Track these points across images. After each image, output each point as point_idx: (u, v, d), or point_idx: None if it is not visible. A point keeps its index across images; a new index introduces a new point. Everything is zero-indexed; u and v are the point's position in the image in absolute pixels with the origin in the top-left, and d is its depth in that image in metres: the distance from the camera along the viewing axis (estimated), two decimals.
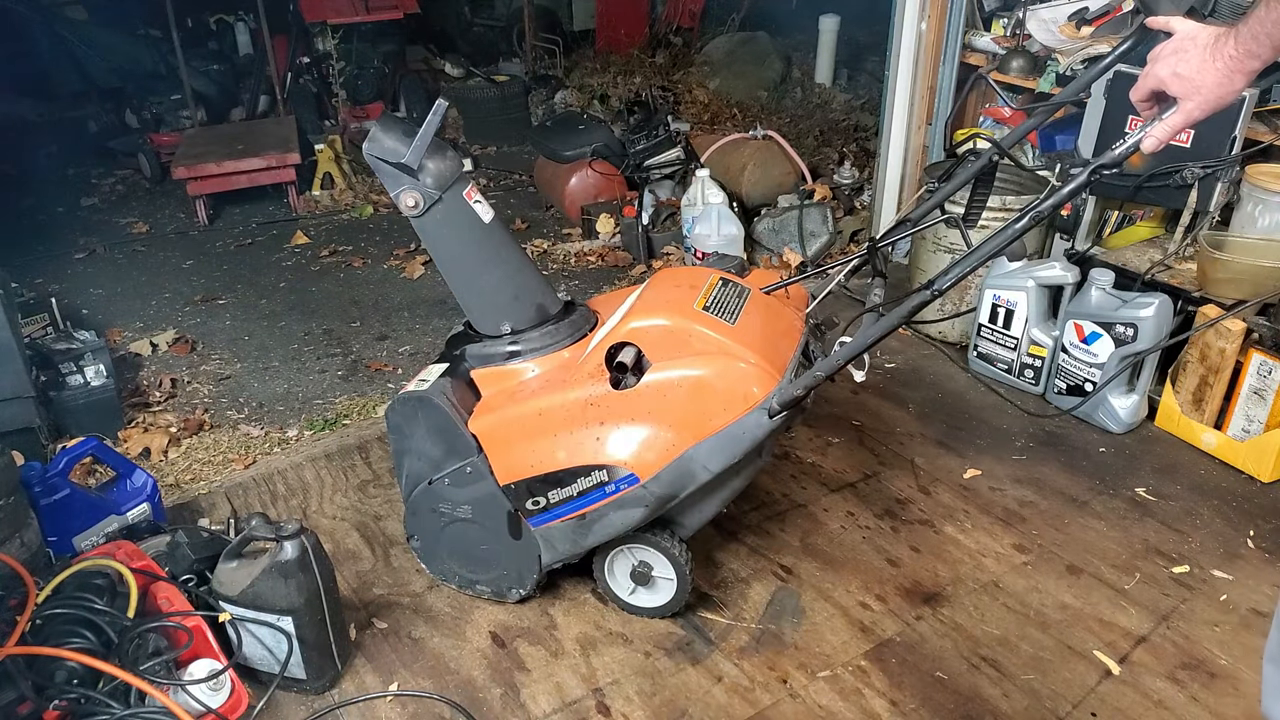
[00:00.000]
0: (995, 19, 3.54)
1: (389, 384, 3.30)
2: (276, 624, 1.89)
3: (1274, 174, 2.64)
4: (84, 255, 4.57)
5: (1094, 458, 2.74)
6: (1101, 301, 2.74)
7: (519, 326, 2.00)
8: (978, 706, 1.93)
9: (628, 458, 1.86)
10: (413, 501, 2.12)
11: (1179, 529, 2.43)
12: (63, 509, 2.20)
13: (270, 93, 6.06)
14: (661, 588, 2.11)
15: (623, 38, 7.11)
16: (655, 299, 1.99)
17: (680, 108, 6.03)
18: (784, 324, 2.03)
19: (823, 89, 6.37)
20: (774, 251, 4.06)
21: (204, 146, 5.13)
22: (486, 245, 1.95)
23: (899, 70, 3.74)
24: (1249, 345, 2.56)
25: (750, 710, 1.93)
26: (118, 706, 1.66)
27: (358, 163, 5.33)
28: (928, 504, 2.56)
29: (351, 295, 4.07)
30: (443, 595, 2.25)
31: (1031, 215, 1.41)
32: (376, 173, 1.84)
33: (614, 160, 4.57)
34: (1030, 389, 3.04)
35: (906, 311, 1.63)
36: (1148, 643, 2.08)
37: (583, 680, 2.01)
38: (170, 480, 2.76)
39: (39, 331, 3.19)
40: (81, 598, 1.80)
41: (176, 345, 3.61)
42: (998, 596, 2.22)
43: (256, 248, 4.66)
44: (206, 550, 2.09)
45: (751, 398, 1.80)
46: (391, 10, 5.85)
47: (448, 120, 6.21)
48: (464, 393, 2.03)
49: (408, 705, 1.97)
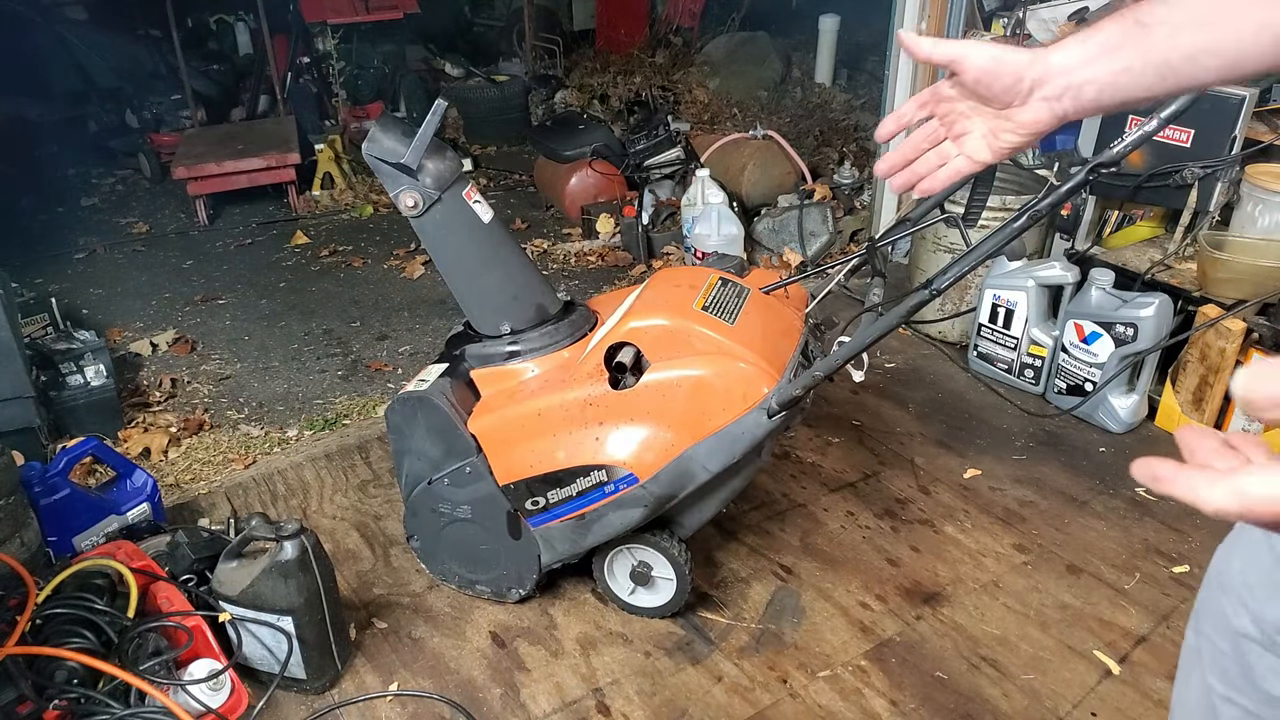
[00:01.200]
0: (995, 19, 3.53)
1: (389, 384, 3.30)
2: (276, 624, 1.89)
3: (1274, 174, 2.64)
4: (84, 255, 4.57)
5: (1094, 457, 2.74)
6: (1101, 301, 2.74)
7: (518, 326, 2.00)
8: (978, 706, 1.93)
9: (627, 458, 1.86)
10: (412, 501, 2.12)
11: (1179, 529, 2.43)
12: (63, 509, 2.20)
13: (270, 93, 6.06)
14: (661, 588, 2.11)
15: (623, 37, 7.11)
16: (654, 299, 1.99)
17: (680, 107, 6.03)
18: (783, 324, 2.03)
19: (823, 89, 6.37)
20: (774, 251, 4.06)
21: (204, 146, 5.13)
22: (486, 245, 1.95)
23: (899, 70, 3.74)
24: (1249, 345, 2.56)
25: (750, 710, 1.93)
26: (118, 706, 1.66)
27: (358, 163, 5.33)
28: (928, 504, 2.56)
29: (351, 295, 4.07)
30: (443, 595, 2.26)
31: (1030, 214, 1.41)
32: (376, 173, 1.84)
33: (614, 160, 4.57)
34: (1030, 389, 3.04)
35: (905, 311, 1.62)
36: (1148, 642, 2.08)
37: (583, 680, 2.01)
38: (170, 480, 2.76)
39: (39, 331, 3.19)
40: (81, 598, 1.80)
41: (176, 345, 3.61)
42: (998, 596, 2.22)
43: (256, 248, 4.66)
44: (206, 550, 2.09)
45: (750, 398, 1.80)
46: (391, 10, 5.85)
47: (447, 120, 6.22)
48: (464, 393, 2.03)
49: (408, 705, 1.97)
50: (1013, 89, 0.88)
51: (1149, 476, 0.52)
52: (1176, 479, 0.51)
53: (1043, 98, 0.87)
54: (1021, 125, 0.91)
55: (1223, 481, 0.49)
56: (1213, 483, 0.50)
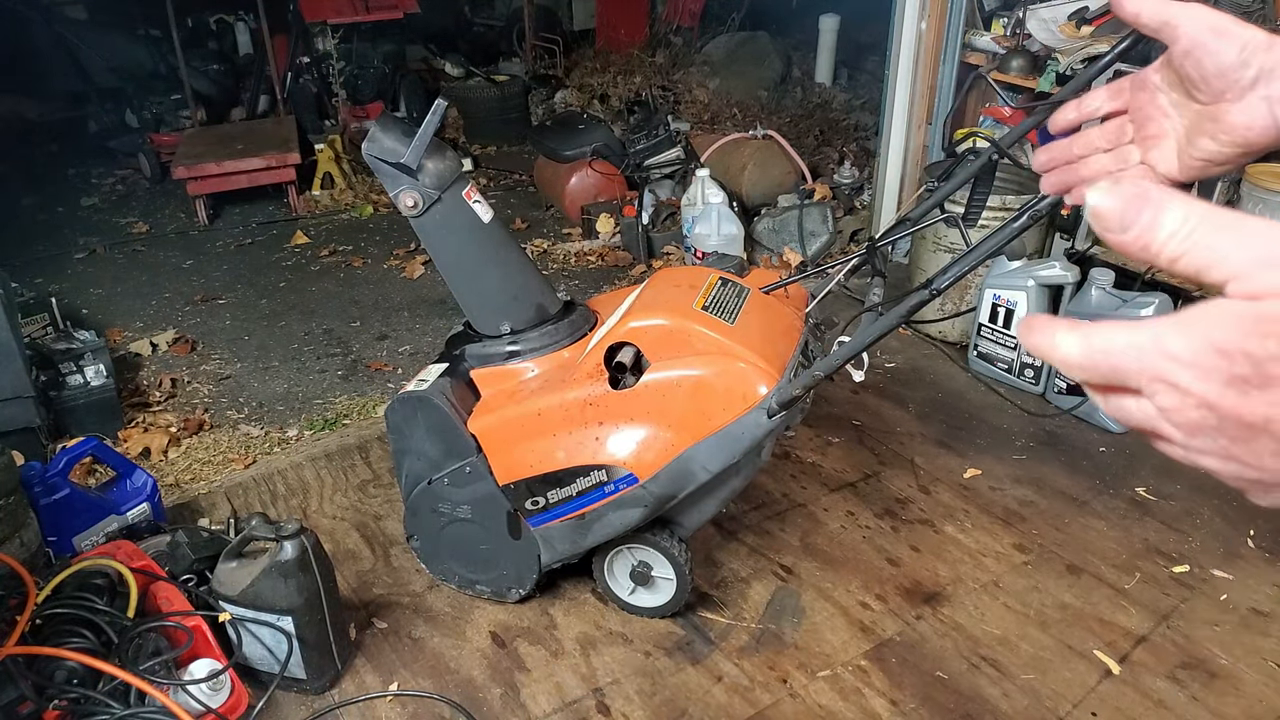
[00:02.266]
0: (995, 18, 3.53)
1: (389, 384, 3.30)
2: (276, 624, 1.89)
3: (1274, 174, 2.64)
4: (84, 255, 4.57)
5: (1094, 457, 2.74)
6: (1102, 301, 2.74)
7: (518, 326, 2.00)
8: (978, 706, 1.93)
9: (627, 458, 1.86)
10: (412, 501, 2.12)
11: (1179, 528, 2.43)
12: (63, 509, 2.20)
13: (270, 93, 6.06)
14: (661, 587, 2.11)
15: (623, 37, 7.11)
16: (654, 299, 1.98)
17: (680, 107, 6.03)
18: (783, 323, 2.03)
19: (823, 88, 6.37)
20: (774, 251, 4.06)
21: (204, 146, 5.13)
22: (486, 245, 1.95)
23: (899, 70, 3.74)
24: None
25: (750, 710, 1.93)
26: (118, 706, 1.66)
27: (358, 163, 5.32)
28: (928, 504, 2.56)
29: (351, 295, 4.07)
30: (443, 595, 2.25)
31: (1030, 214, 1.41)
32: (376, 173, 1.84)
33: (614, 160, 4.57)
34: (1030, 388, 3.04)
35: (905, 311, 1.62)
36: (1148, 642, 2.08)
37: (583, 680, 2.01)
38: (170, 480, 2.76)
39: (39, 331, 3.19)
40: (81, 598, 1.80)
41: (176, 345, 3.61)
42: (998, 596, 2.22)
43: (256, 248, 4.66)
44: (206, 550, 2.10)
45: (750, 397, 1.79)
46: (391, 10, 5.85)
47: (447, 120, 6.21)
48: (464, 393, 2.03)
49: (408, 705, 1.97)
50: (1232, 72, 0.66)
51: (1024, 327, 0.47)
52: (1035, 324, 0.46)
53: (1266, 96, 0.65)
54: (1228, 130, 0.67)
55: (1079, 331, 0.44)
56: (1071, 329, 0.44)
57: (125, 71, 5.92)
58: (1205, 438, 0.42)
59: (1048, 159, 0.83)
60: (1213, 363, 0.40)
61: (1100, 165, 0.80)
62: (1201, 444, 0.42)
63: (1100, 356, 0.43)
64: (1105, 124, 0.80)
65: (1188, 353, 0.40)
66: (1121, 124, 0.78)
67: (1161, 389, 0.41)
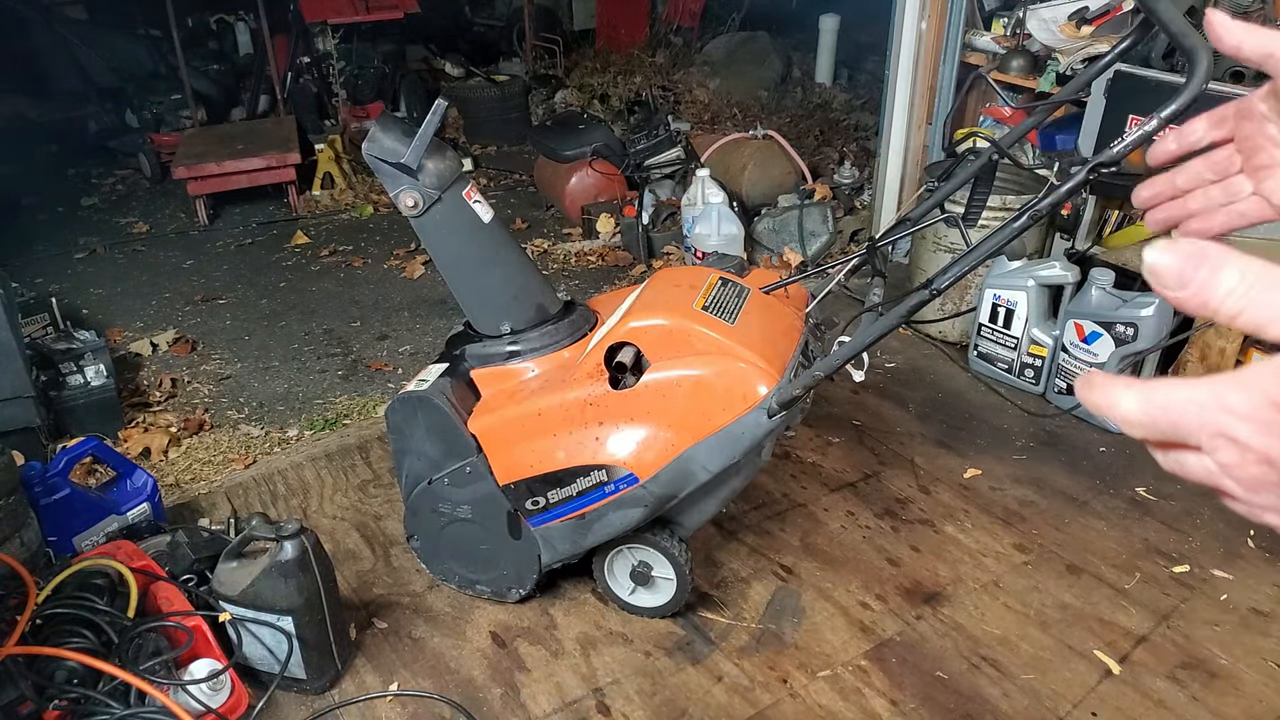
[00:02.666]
0: (995, 18, 3.54)
1: (389, 384, 3.30)
2: (276, 624, 1.89)
3: None
4: (84, 255, 4.57)
5: (1094, 457, 2.74)
6: (1102, 301, 2.74)
7: (519, 326, 2.00)
8: (978, 706, 1.93)
9: (627, 458, 1.86)
10: (413, 501, 2.12)
11: (1179, 528, 2.43)
12: (63, 509, 2.20)
13: (270, 93, 6.06)
14: (661, 587, 2.11)
15: (623, 37, 7.11)
16: (654, 299, 1.98)
17: (680, 107, 6.03)
18: (783, 323, 2.03)
19: (823, 89, 6.37)
20: (774, 251, 4.06)
21: (204, 146, 5.13)
22: (486, 245, 1.95)
23: (899, 70, 3.74)
24: (1249, 345, 2.55)
25: (750, 710, 1.93)
26: (118, 706, 1.66)
27: (358, 163, 5.32)
28: (928, 504, 2.56)
29: (351, 295, 4.07)
30: (443, 595, 2.25)
31: (1030, 213, 1.41)
32: (376, 173, 1.84)
33: (614, 160, 4.57)
34: (1030, 388, 3.04)
35: (905, 311, 1.62)
36: (1148, 642, 2.08)
37: (583, 680, 2.01)
38: (170, 480, 2.76)
39: (39, 331, 3.19)
40: (81, 598, 1.80)
41: (176, 345, 3.61)
42: (998, 596, 2.22)
43: (256, 248, 4.66)
44: (206, 550, 2.10)
45: (750, 397, 1.79)
46: (391, 10, 5.85)
47: (448, 120, 6.21)
48: (464, 393, 2.03)
49: (408, 705, 1.97)
50: None
51: (1083, 383, 0.46)
52: (1095, 382, 0.45)
53: None
54: None
55: (1136, 388, 0.44)
56: (1129, 386, 0.44)
57: (125, 71, 5.91)
58: (1268, 494, 0.42)
59: (1151, 195, 0.78)
60: (1271, 417, 0.40)
61: (1210, 199, 0.76)
62: (1264, 500, 0.42)
63: (1159, 413, 0.43)
64: (1210, 154, 0.75)
65: (1246, 407, 0.40)
66: (1229, 154, 0.74)
67: (1222, 444, 0.41)
